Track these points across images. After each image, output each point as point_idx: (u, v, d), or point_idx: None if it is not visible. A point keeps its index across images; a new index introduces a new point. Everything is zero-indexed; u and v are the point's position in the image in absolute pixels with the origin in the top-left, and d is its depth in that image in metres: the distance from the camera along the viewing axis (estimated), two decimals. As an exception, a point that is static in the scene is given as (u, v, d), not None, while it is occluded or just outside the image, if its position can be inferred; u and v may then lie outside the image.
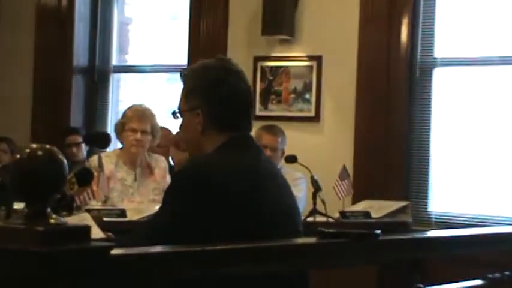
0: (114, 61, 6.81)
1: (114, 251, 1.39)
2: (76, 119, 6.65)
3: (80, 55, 6.71)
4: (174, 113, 2.57)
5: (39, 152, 1.33)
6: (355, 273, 4.34)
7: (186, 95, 2.50)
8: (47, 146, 1.35)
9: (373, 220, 4.86)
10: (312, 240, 2.03)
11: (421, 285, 2.25)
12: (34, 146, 1.34)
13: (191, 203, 2.27)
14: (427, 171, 5.66)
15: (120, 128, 4.75)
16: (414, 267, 2.21)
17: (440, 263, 3.75)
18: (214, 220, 2.25)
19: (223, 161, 2.38)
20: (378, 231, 2.02)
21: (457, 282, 2.41)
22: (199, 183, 2.28)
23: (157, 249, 1.55)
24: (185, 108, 2.49)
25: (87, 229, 1.35)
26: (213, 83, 2.46)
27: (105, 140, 3.59)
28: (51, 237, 1.28)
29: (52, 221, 1.33)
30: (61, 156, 1.34)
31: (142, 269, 1.43)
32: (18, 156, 1.33)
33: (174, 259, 1.51)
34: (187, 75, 2.53)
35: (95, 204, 4.18)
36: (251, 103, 2.55)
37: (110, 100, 6.77)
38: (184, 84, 2.53)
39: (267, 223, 2.36)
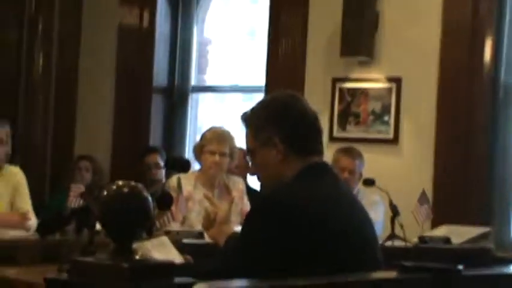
0: (193, 81, 6.89)
1: (197, 287, 1.40)
2: (155, 138, 6.75)
3: (159, 75, 6.81)
4: (246, 156, 2.61)
5: (125, 189, 1.35)
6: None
7: (255, 132, 2.52)
8: (132, 183, 1.38)
9: (454, 246, 4.77)
10: (391, 274, 2.02)
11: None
12: (120, 183, 1.37)
13: (278, 230, 2.29)
14: (510, 196, 5.54)
15: (199, 150, 4.81)
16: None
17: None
18: (299, 247, 2.27)
19: (305, 189, 2.41)
20: (460, 267, 1.98)
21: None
22: (285, 211, 2.31)
23: (237, 284, 1.56)
24: (258, 144, 2.51)
25: (170, 265, 1.37)
26: (283, 109, 2.52)
27: (185, 166, 3.66)
28: (136, 273, 1.30)
29: (137, 257, 1.35)
30: (145, 193, 1.36)
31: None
32: (105, 193, 1.36)
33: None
34: (253, 113, 2.56)
35: (174, 226, 4.23)
36: (321, 128, 2.56)
37: (189, 120, 6.85)
38: (249, 123, 2.56)
39: (348, 251, 2.37)
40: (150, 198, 1.37)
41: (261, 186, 5.32)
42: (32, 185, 6.17)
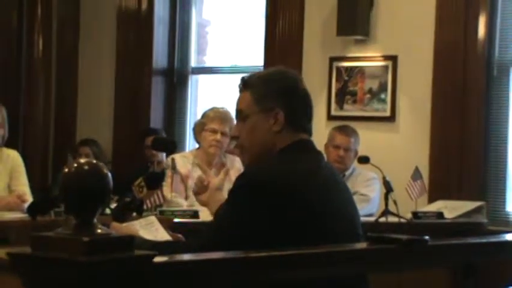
0: (193, 63, 6.95)
1: (157, 259, 1.47)
2: (156, 120, 6.82)
3: (159, 57, 6.87)
4: (237, 116, 2.63)
5: (86, 167, 1.42)
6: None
7: (258, 97, 2.55)
8: (94, 161, 1.44)
9: (446, 221, 4.84)
10: (361, 245, 2.08)
11: (476, 291, 2.26)
12: (82, 161, 1.44)
13: (253, 206, 2.35)
14: (505, 171, 5.59)
15: (199, 128, 4.86)
16: (467, 271, 2.22)
17: (497, 266, 3.71)
18: (275, 223, 2.33)
19: (287, 165, 2.47)
20: (427, 237, 2.04)
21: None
22: (262, 187, 2.37)
23: (199, 257, 1.62)
24: (256, 110, 2.54)
25: (130, 239, 1.43)
26: (292, 85, 2.60)
27: (169, 146, 3.72)
28: (96, 247, 1.37)
29: (98, 231, 1.42)
30: (106, 171, 1.43)
31: (184, 277, 1.51)
32: (66, 170, 1.43)
33: (216, 267, 1.58)
34: (259, 80, 2.61)
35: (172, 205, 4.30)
36: (313, 112, 2.66)
37: (189, 101, 6.91)
38: (252, 88, 2.58)
39: (326, 227, 2.42)
40: (109, 175, 1.44)
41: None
42: (34, 167, 6.30)
